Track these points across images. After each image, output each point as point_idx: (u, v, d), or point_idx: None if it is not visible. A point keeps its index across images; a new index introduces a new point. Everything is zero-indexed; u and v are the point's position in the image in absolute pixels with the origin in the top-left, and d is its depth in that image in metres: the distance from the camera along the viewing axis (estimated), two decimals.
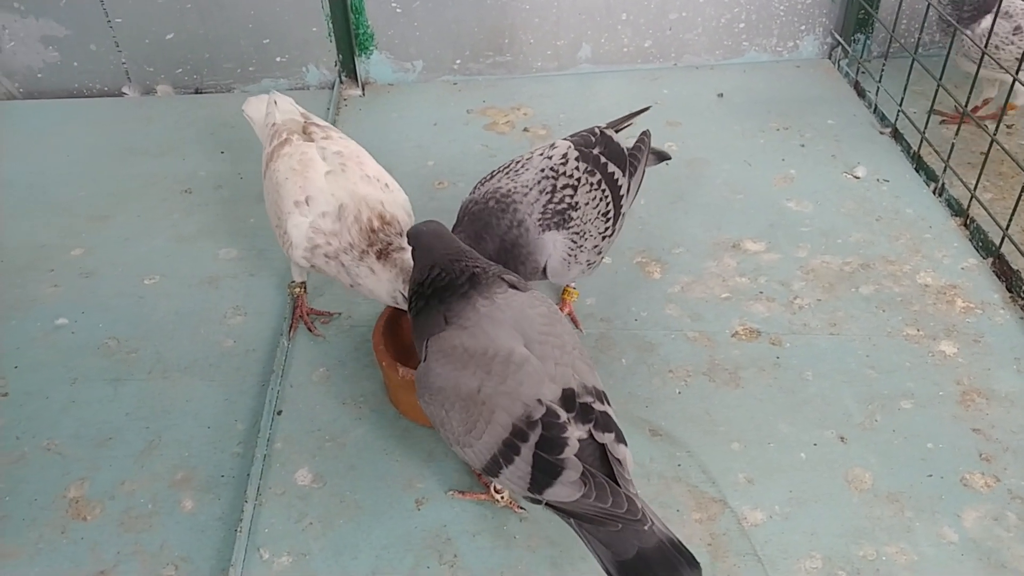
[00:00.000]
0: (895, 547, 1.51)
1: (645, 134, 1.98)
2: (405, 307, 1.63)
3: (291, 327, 1.96)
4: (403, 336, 1.79)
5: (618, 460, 1.29)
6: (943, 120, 2.60)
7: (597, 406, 1.31)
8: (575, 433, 1.28)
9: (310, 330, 1.96)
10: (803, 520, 1.56)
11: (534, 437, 1.27)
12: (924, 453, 1.67)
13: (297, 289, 1.99)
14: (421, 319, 1.42)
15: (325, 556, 1.51)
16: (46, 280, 2.14)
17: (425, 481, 1.63)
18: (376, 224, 1.70)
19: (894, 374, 1.84)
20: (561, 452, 1.26)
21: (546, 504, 1.30)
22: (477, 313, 1.36)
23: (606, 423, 1.31)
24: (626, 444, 1.32)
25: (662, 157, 2.07)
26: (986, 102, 2.55)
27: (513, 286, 1.42)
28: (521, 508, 1.58)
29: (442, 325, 1.38)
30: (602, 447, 1.31)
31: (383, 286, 1.69)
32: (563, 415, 1.28)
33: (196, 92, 2.95)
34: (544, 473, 1.27)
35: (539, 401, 1.28)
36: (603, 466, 1.30)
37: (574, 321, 1.97)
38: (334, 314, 2.00)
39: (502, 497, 1.56)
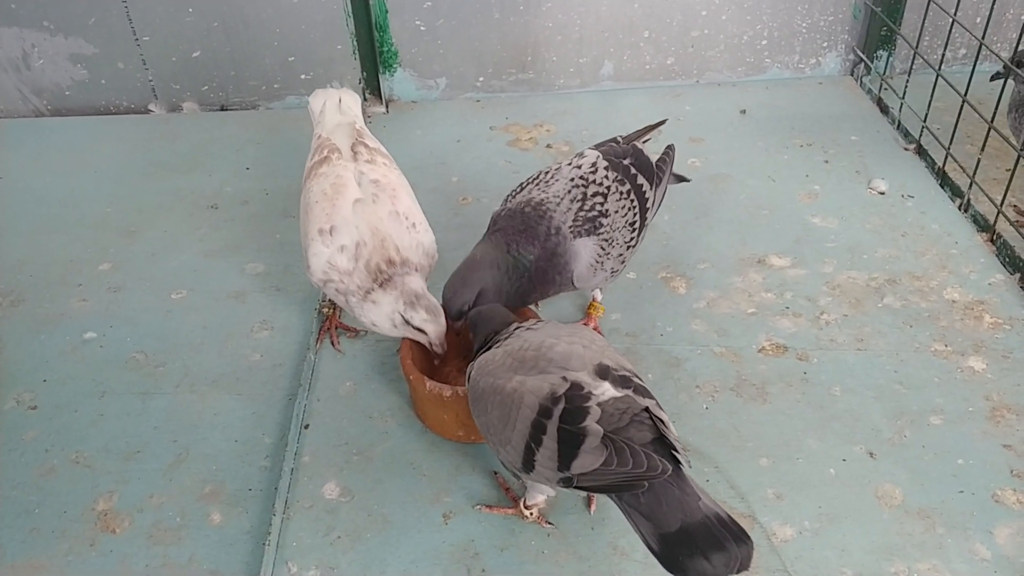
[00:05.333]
0: (927, 564, 1.50)
1: (670, 147, 1.99)
2: (405, 332, 1.71)
3: (318, 340, 1.97)
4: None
5: (661, 420, 1.30)
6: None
7: (636, 380, 1.34)
8: (602, 397, 1.30)
9: (333, 344, 1.97)
10: (833, 536, 1.55)
11: (557, 412, 1.29)
12: (955, 469, 1.66)
13: (327, 309, 2.01)
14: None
15: (353, 570, 1.51)
16: (75, 294, 2.16)
17: (452, 495, 1.63)
18: (383, 267, 1.72)
19: (923, 390, 1.82)
20: (583, 420, 1.27)
21: (577, 484, 1.30)
22: (515, 333, 1.49)
23: (646, 393, 1.33)
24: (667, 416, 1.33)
25: (680, 179, 2.09)
26: None
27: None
28: (549, 523, 1.57)
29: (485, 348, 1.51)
30: (643, 410, 1.31)
31: (383, 310, 1.70)
32: (589, 384, 1.30)
33: (222, 109, 2.99)
34: (568, 445, 1.28)
35: (564, 378, 1.32)
36: (640, 428, 1.30)
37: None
38: (361, 331, 2.01)
39: (531, 513, 1.55)
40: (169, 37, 2.84)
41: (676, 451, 1.28)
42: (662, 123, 2.09)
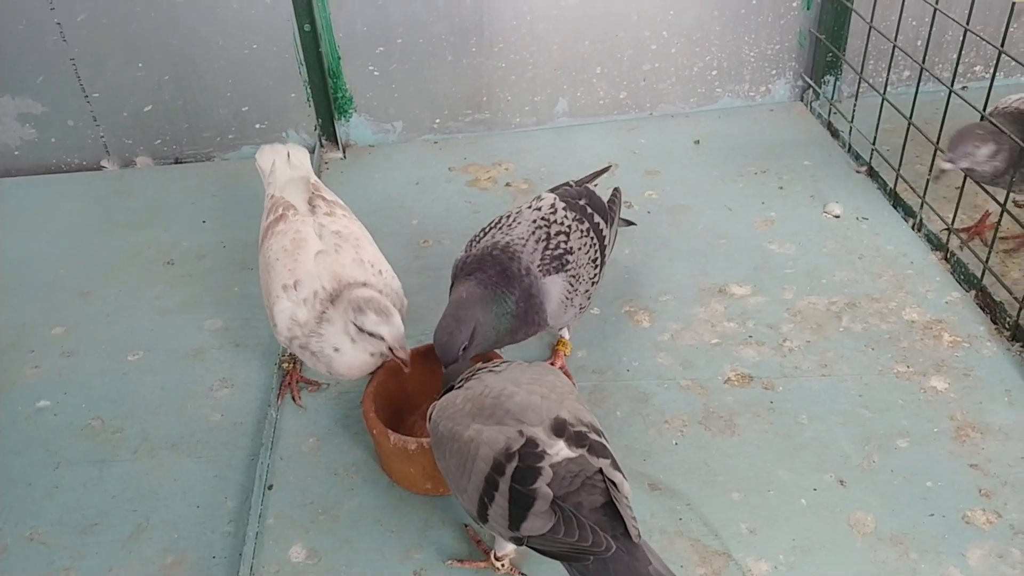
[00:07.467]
0: None
1: (616, 191, 2.04)
2: (365, 344, 1.65)
3: (279, 396, 1.94)
4: (393, 402, 1.77)
5: (612, 482, 1.28)
6: (969, 238, 2.30)
7: (592, 436, 1.32)
8: (556, 457, 1.27)
9: (294, 399, 1.93)
10: (808, 569, 1.54)
11: (510, 469, 1.27)
12: (924, 492, 1.66)
13: (287, 364, 1.98)
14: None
15: None
16: (27, 361, 2.11)
17: (423, 551, 1.60)
18: (334, 285, 1.68)
19: (888, 413, 1.83)
20: (534, 482, 1.25)
21: (528, 544, 1.29)
22: (477, 374, 1.46)
23: (602, 451, 1.31)
24: (623, 474, 1.31)
25: (628, 223, 2.13)
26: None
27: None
28: (523, 574, 1.54)
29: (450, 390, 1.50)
30: (595, 472, 1.29)
31: (337, 326, 1.64)
32: (544, 442, 1.28)
33: (176, 162, 2.96)
34: (518, 506, 1.26)
35: (520, 432, 1.29)
36: (592, 492, 1.28)
37: (567, 375, 1.96)
38: (322, 384, 1.98)
39: (502, 565, 1.52)
40: (119, 92, 2.81)
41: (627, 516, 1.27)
42: (607, 169, 2.18)
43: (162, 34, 2.72)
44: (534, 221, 1.78)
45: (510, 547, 1.50)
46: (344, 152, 2.96)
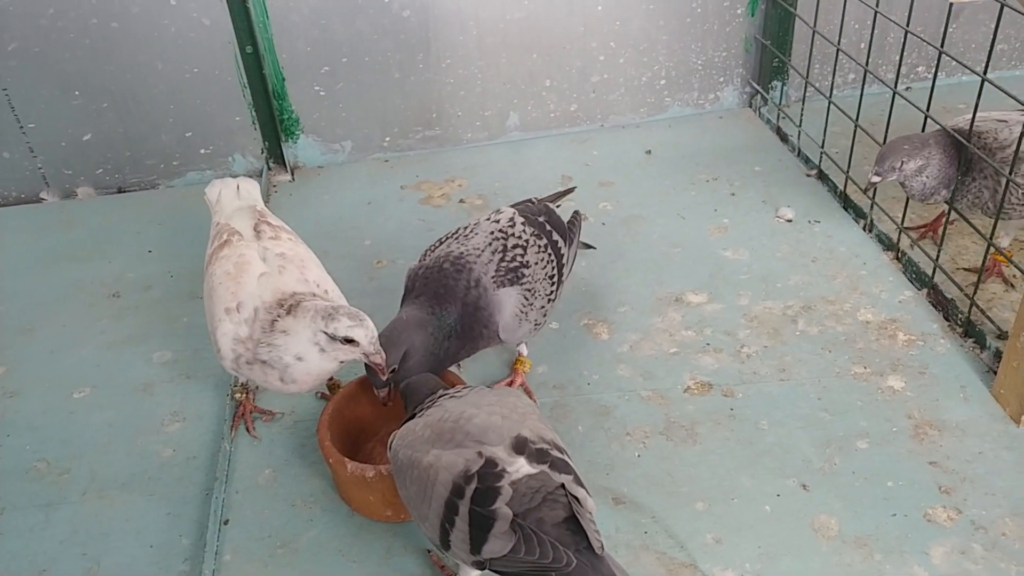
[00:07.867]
0: None
1: (577, 213, 2.04)
2: (336, 354, 1.59)
3: (232, 428, 1.88)
4: (350, 430, 1.73)
5: (575, 498, 1.27)
6: (920, 237, 2.33)
7: (554, 453, 1.31)
8: (516, 475, 1.26)
9: (248, 430, 1.88)
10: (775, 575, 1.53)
11: (469, 492, 1.26)
12: (886, 492, 1.67)
13: (240, 394, 1.92)
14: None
15: None
16: None
17: None
18: (281, 296, 1.65)
19: (847, 414, 1.84)
20: (493, 503, 1.24)
21: (491, 567, 1.27)
22: (438, 401, 1.45)
23: (564, 467, 1.30)
24: (586, 490, 1.30)
25: (587, 246, 2.14)
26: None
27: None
28: None
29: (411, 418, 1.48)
30: (557, 488, 1.28)
31: (302, 337, 1.58)
32: (503, 461, 1.27)
33: (119, 191, 2.88)
34: (479, 528, 1.25)
35: (479, 454, 1.28)
36: (553, 507, 1.27)
37: (528, 392, 1.94)
38: (276, 413, 1.93)
39: None
40: (57, 122, 2.73)
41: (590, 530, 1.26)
42: (572, 190, 2.18)
43: (98, 61, 2.65)
44: (491, 233, 1.78)
45: (474, 573, 1.47)
46: (293, 174, 2.92)
